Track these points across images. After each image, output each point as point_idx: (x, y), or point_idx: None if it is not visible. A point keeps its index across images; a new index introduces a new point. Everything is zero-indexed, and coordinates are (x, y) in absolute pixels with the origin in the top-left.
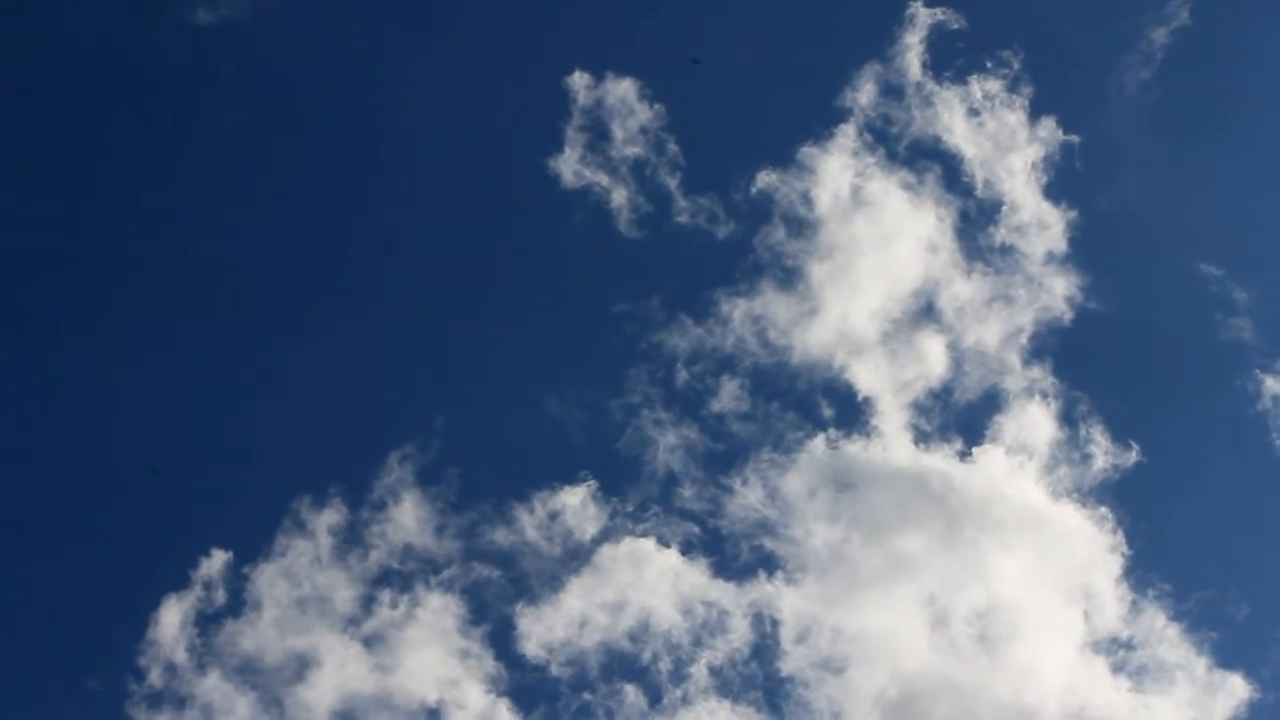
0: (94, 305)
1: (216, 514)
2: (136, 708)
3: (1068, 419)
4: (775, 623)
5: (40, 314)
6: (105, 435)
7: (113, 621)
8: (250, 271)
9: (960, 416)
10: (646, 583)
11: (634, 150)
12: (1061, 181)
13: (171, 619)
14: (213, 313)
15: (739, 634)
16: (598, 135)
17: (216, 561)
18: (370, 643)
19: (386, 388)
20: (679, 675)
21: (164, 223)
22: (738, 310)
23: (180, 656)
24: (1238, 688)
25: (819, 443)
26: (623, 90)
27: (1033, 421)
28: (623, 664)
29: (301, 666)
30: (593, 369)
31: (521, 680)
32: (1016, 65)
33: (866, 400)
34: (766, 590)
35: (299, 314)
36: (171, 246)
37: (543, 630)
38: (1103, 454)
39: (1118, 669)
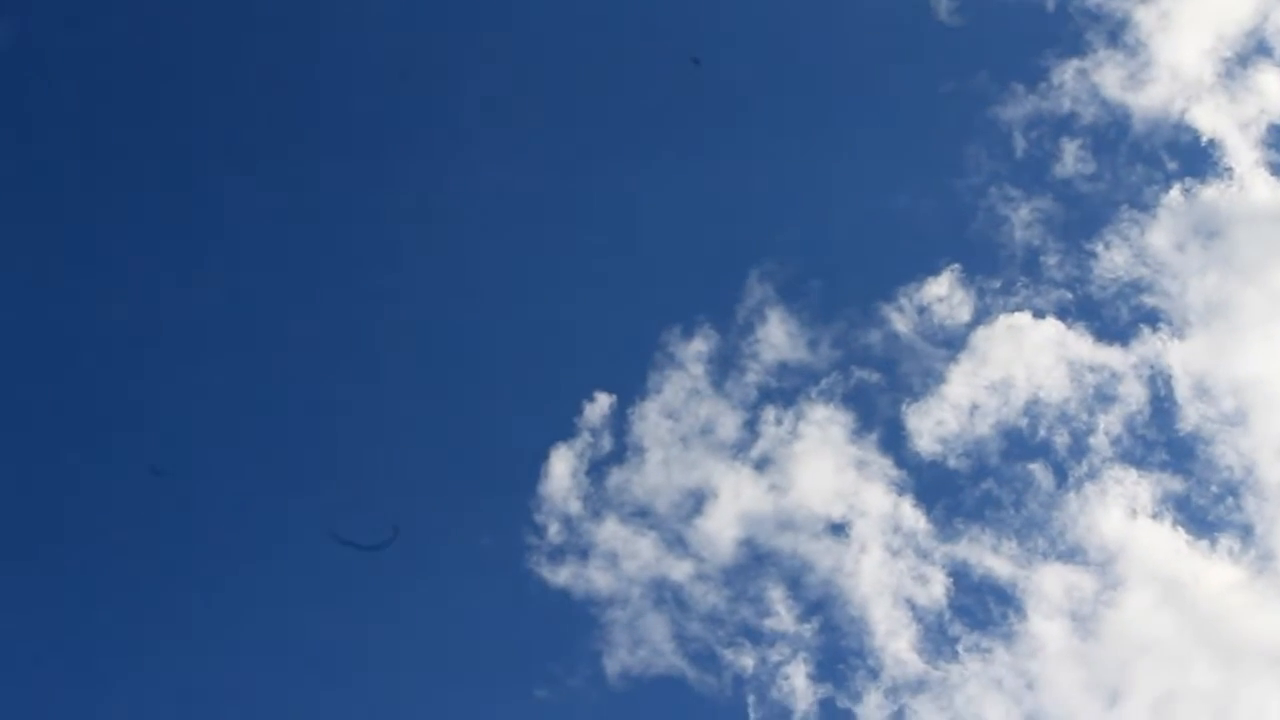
0: None
1: (591, 357)
2: (537, 562)
3: None
4: (1168, 381)
5: None
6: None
7: (504, 477)
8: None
9: None
10: (1029, 357)
11: None
12: None
13: (562, 469)
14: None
15: (1134, 397)
16: None
17: (600, 405)
18: (761, 465)
19: (736, 208)
20: (1079, 448)
21: None
22: (1068, 71)
23: (575, 506)
24: None
25: (1175, 194)
26: None
27: None
28: (1020, 445)
29: (697, 500)
30: (931, 155)
31: (920, 478)
32: None
33: (1213, 143)
34: (1153, 348)
35: (645, 136)
36: None
37: (933, 425)
38: None
39: None
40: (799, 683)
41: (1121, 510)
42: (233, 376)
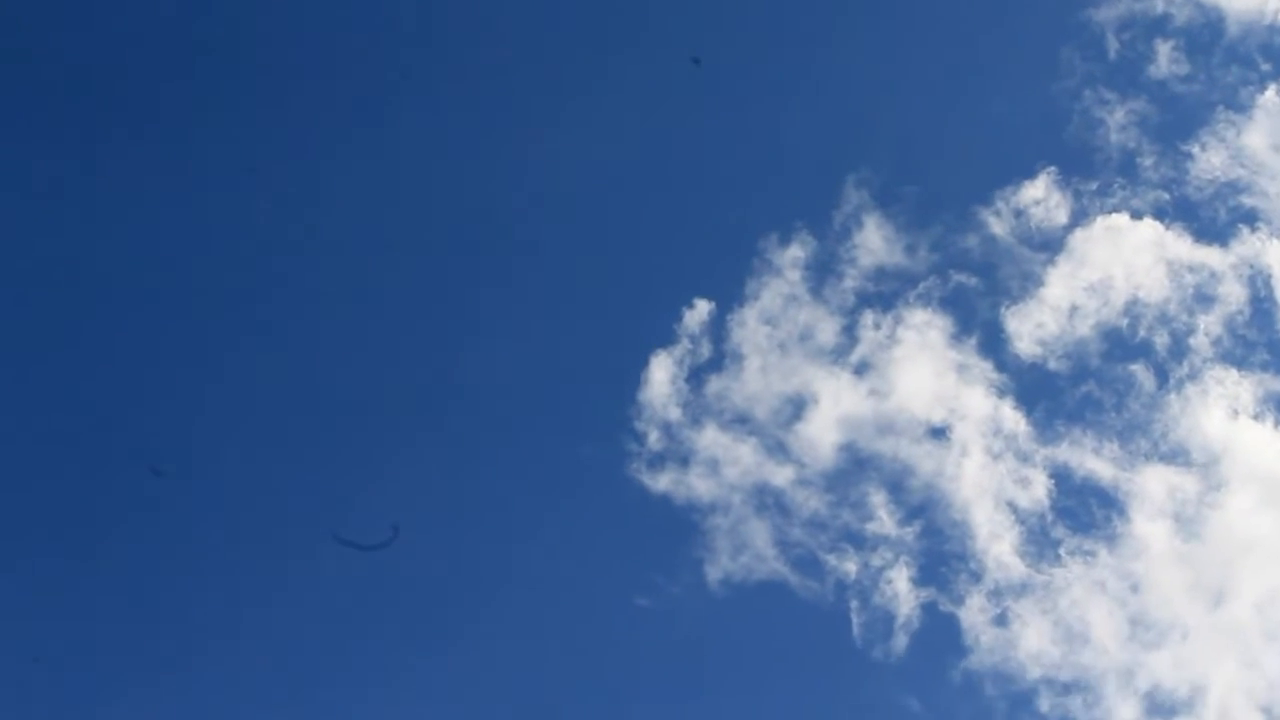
0: None
1: (690, 265)
2: (638, 470)
3: None
4: (1268, 281)
5: None
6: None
7: (603, 386)
8: None
9: None
10: (1128, 259)
11: None
12: None
13: (661, 376)
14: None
15: (1233, 297)
16: None
17: (699, 312)
18: (861, 370)
19: (831, 114)
20: (1180, 349)
21: None
22: None
23: (674, 413)
24: None
25: (1270, 94)
26: None
27: None
28: (1120, 346)
29: (797, 406)
30: (1026, 58)
31: (1020, 381)
32: None
33: None
34: (1252, 248)
35: (740, 44)
36: None
37: (1032, 327)
38: None
39: None
40: (901, 587)
41: (1223, 411)
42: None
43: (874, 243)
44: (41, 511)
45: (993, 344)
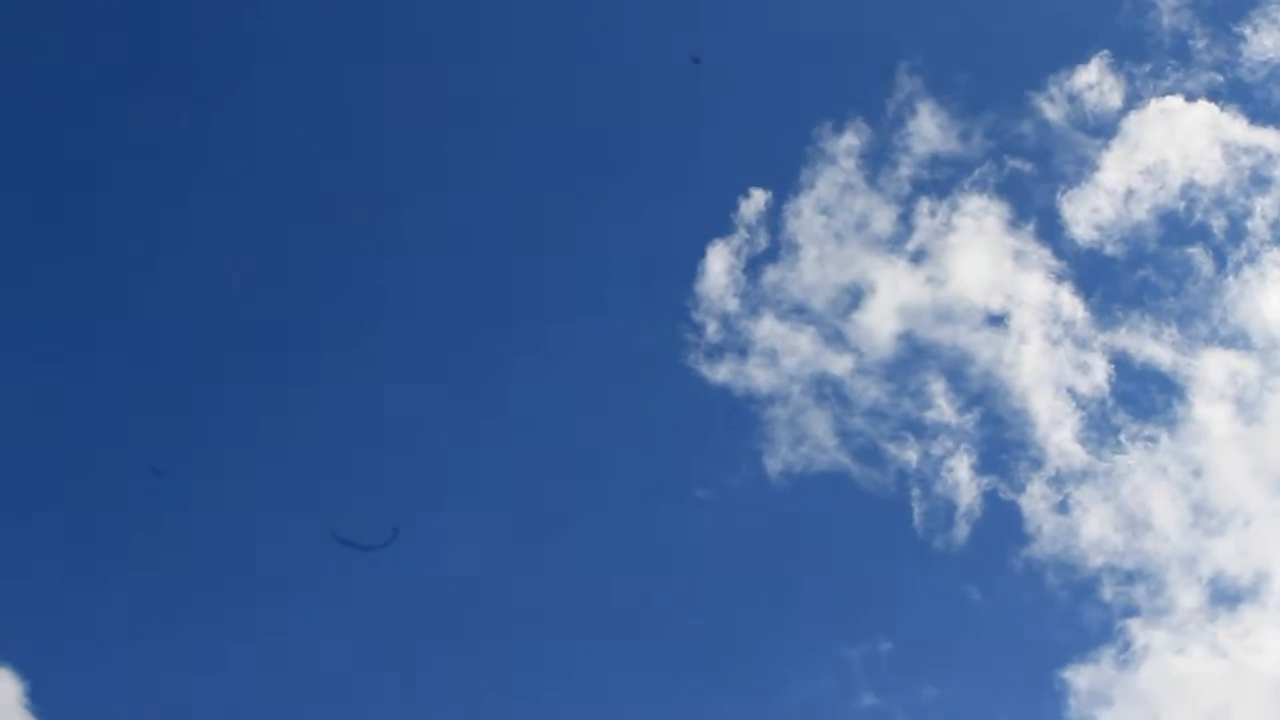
0: None
1: (745, 154)
2: (696, 360)
3: None
4: None
5: None
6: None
7: (660, 276)
8: None
9: None
10: (1183, 142)
11: None
12: None
13: (718, 266)
14: None
15: None
16: None
17: (755, 202)
18: (917, 258)
19: (878, 3)
20: (1237, 231)
21: None
22: None
23: (732, 304)
24: None
25: None
26: None
27: None
28: (1177, 229)
29: (854, 295)
30: None
31: (1077, 266)
32: None
33: None
34: None
35: None
36: None
37: (1088, 212)
38: None
39: None
40: (962, 475)
41: None
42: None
43: (928, 130)
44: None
45: (1049, 230)
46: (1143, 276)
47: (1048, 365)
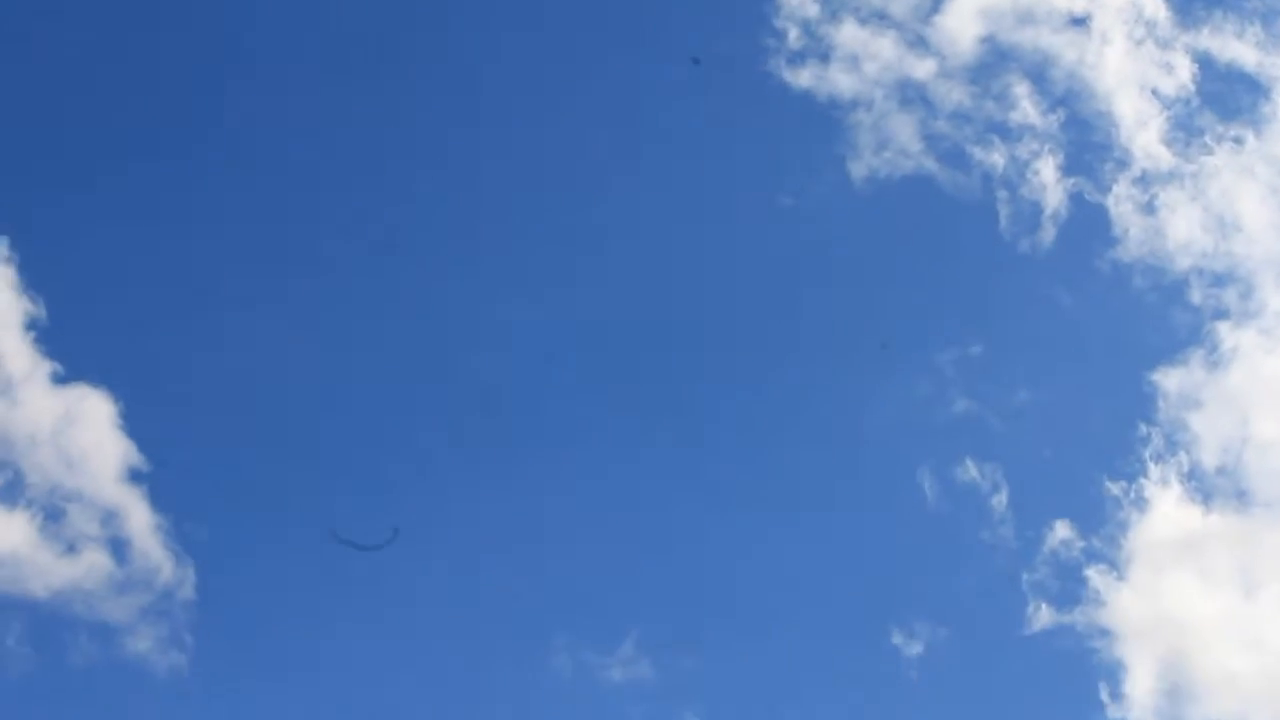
0: None
1: None
2: (778, 68)
3: None
4: None
5: None
6: None
7: None
8: None
9: None
10: None
11: None
12: None
13: None
14: None
15: None
16: None
17: None
18: None
19: None
20: None
21: None
22: None
23: (812, 9)
24: None
25: None
26: None
27: None
28: None
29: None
30: None
31: None
32: None
33: None
34: None
35: None
36: None
37: None
38: None
39: None
40: (1048, 177)
41: None
42: None
43: None
44: None
45: None
46: None
47: (1131, 66)
